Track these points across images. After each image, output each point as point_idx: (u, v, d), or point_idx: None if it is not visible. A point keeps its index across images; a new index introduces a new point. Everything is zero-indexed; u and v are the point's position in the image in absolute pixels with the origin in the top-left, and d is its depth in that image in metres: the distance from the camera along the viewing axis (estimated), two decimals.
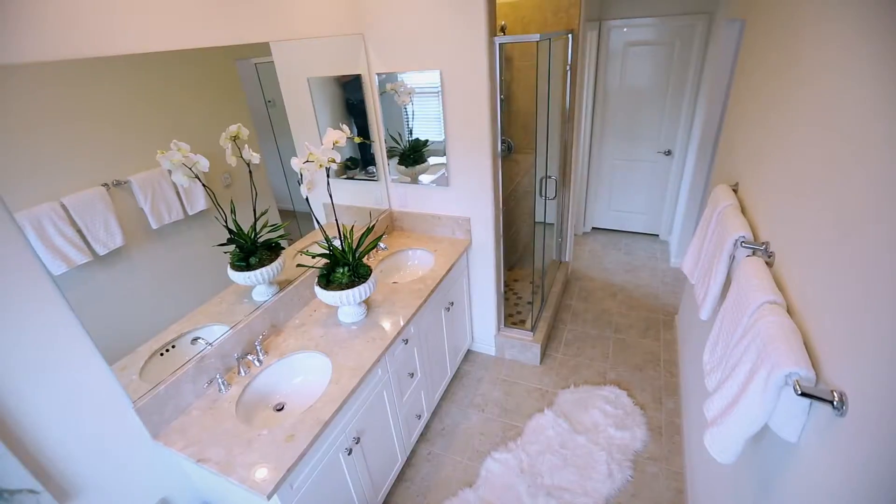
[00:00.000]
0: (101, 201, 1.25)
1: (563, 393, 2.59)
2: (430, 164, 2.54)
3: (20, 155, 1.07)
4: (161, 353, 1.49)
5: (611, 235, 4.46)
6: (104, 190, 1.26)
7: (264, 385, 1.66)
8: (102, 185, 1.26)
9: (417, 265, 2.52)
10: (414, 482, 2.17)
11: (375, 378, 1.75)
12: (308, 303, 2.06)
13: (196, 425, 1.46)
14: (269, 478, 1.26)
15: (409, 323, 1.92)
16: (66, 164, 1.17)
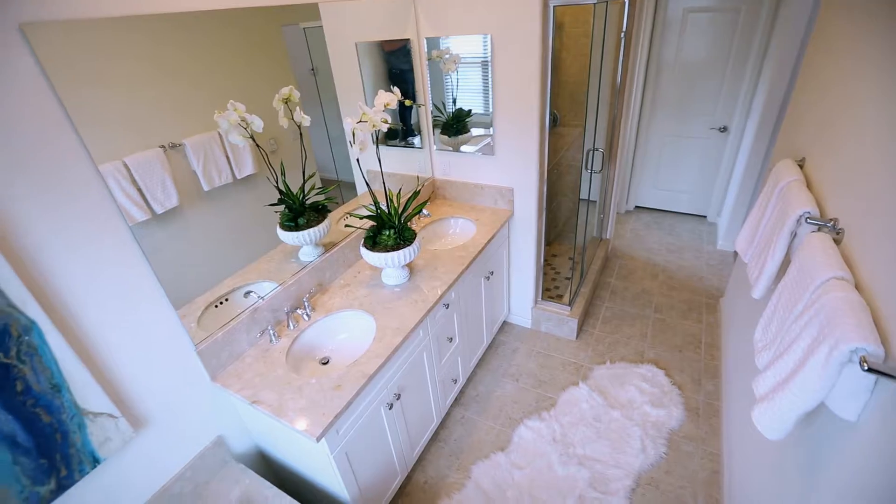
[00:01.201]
0: (159, 162, 1.31)
1: (599, 368, 2.58)
2: (473, 136, 2.51)
3: (91, 115, 1.13)
4: (215, 305, 1.58)
5: (655, 215, 4.31)
6: (161, 152, 1.32)
7: (311, 339, 1.74)
8: (160, 146, 1.32)
9: (459, 233, 2.53)
10: (447, 443, 2.24)
11: (417, 339, 1.80)
12: (352, 265, 2.12)
13: (250, 371, 1.55)
14: (318, 422, 1.33)
15: (451, 288, 1.95)
16: (128, 125, 1.22)
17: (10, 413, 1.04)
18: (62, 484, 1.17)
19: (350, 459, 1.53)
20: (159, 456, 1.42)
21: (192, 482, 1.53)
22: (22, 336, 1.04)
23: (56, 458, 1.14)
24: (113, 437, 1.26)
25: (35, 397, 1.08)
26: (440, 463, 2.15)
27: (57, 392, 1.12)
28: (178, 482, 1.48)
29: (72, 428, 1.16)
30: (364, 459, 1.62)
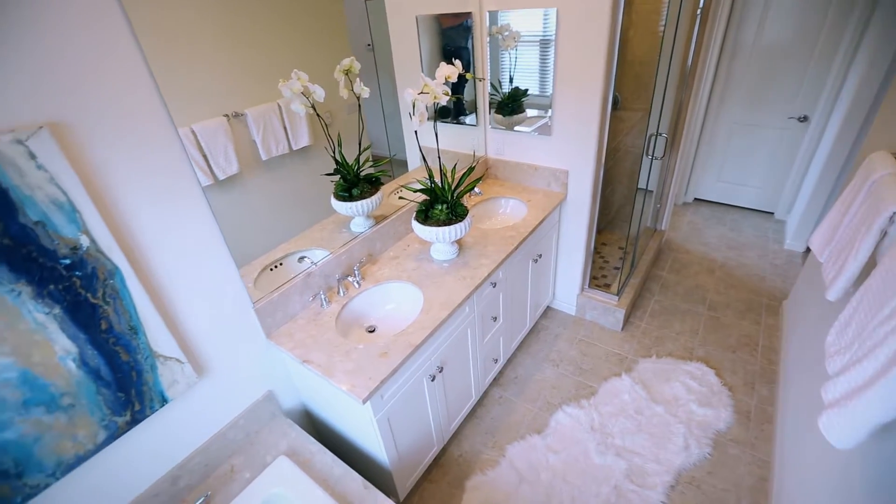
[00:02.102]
0: (223, 131, 1.36)
1: (644, 362, 2.51)
2: (527, 116, 2.45)
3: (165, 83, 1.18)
4: (270, 268, 1.65)
5: (715, 209, 4.07)
6: (225, 121, 1.37)
7: (360, 307, 1.79)
8: (224, 115, 1.36)
9: (509, 214, 2.50)
10: (484, 420, 2.27)
11: (462, 315, 1.81)
12: (402, 238, 2.14)
13: (301, 332, 1.62)
14: (364, 385, 1.38)
15: (499, 267, 1.94)
16: (197, 93, 1.27)
17: (96, 349, 1.15)
18: (135, 417, 1.28)
19: (391, 425, 1.58)
20: (217, 403, 1.52)
21: (245, 430, 1.63)
22: (107, 279, 1.13)
23: (131, 393, 1.25)
24: (179, 381, 1.36)
25: (116, 336, 1.18)
26: (475, 439, 2.18)
27: (134, 334, 1.21)
28: (233, 429, 1.58)
29: (145, 368, 1.26)
30: (404, 427, 1.67)
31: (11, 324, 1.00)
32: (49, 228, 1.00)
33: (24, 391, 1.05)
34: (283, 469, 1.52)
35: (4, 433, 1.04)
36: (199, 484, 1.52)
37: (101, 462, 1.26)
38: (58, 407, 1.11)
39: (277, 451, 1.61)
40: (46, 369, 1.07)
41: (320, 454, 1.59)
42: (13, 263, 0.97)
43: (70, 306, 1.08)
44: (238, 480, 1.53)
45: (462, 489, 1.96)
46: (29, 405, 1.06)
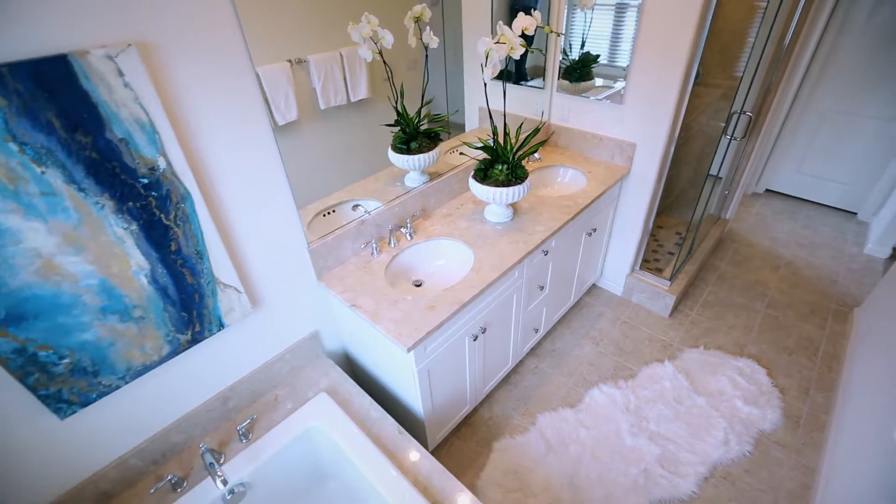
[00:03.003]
0: (285, 76, 1.34)
1: (690, 351, 2.41)
2: (595, 85, 2.31)
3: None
4: (323, 214, 1.67)
5: (789, 203, 3.77)
6: (288, 66, 1.35)
7: (409, 259, 1.80)
8: (287, 60, 1.35)
9: (567, 183, 2.41)
10: (517, 387, 2.27)
11: (511, 279, 1.79)
12: (456, 196, 2.11)
13: (351, 277, 1.65)
14: (410, 335, 1.39)
15: (553, 236, 1.88)
16: (263, 38, 1.25)
17: (166, 268, 1.21)
18: (195, 337, 1.36)
19: (430, 378, 1.61)
20: (267, 335, 1.59)
21: (290, 365, 1.71)
22: (179, 203, 1.18)
23: (193, 314, 1.32)
24: (235, 309, 1.42)
25: (183, 259, 1.24)
26: (507, 404, 2.19)
27: (199, 258, 1.27)
28: (279, 362, 1.66)
29: (207, 292, 1.33)
30: (441, 382, 1.70)
31: (95, 235, 1.06)
32: (131, 146, 1.04)
33: (102, 298, 1.13)
34: (323, 405, 1.59)
35: (84, 334, 1.13)
36: (246, 407, 1.62)
37: (164, 374, 1.35)
38: (130, 317, 1.19)
39: (318, 388, 1.69)
40: (122, 281, 1.14)
41: (358, 396, 1.65)
42: (99, 177, 1.02)
43: (145, 224, 1.13)
44: (281, 409, 1.62)
45: (489, 449, 1.99)
46: (106, 312, 1.14)
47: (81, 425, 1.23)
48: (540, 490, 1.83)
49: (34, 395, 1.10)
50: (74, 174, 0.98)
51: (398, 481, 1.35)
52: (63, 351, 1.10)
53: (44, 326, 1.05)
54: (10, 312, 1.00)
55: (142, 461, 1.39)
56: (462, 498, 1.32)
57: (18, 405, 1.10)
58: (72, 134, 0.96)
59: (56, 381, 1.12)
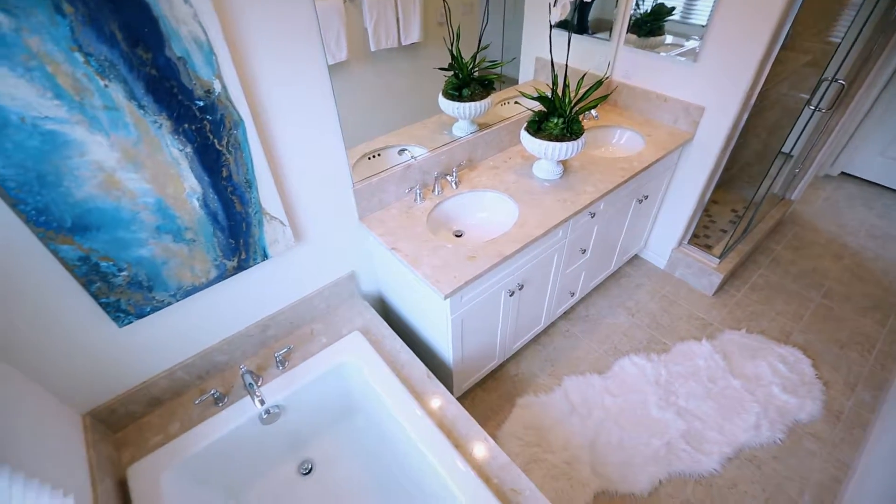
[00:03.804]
0: (337, 14, 1.28)
1: (730, 333, 2.32)
2: (666, 42, 2.12)
3: None
4: (369, 157, 1.65)
5: (866, 188, 3.45)
6: (341, 2, 1.29)
7: (452, 209, 1.78)
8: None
9: (623, 145, 2.28)
10: (546, 348, 2.27)
11: (554, 238, 1.74)
12: (504, 149, 2.04)
13: (392, 221, 1.65)
14: (448, 282, 1.39)
15: (602, 198, 1.80)
16: None
17: (216, 194, 1.24)
18: (240, 265, 1.41)
19: (463, 327, 1.62)
20: (307, 270, 1.63)
21: (327, 302, 1.75)
22: (232, 129, 1.18)
23: (240, 242, 1.36)
24: (279, 241, 1.45)
25: (234, 186, 1.26)
26: (534, 364, 2.20)
27: (248, 188, 1.29)
28: (317, 297, 1.71)
29: (254, 222, 1.36)
30: (473, 333, 1.71)
31: (152, 154, 1.08)
32: (189, 66, 1.04)
33: (157, 217, 1.17)
34: (356, 343, 1.64)
35: (141, 250, 1.18)
36: (283, 336, 1.70)
37: (210, 297, 1.42)
38: (182, 239, 1.24)
39: (353, 326, 1.74)
40: (176, 202, 1.18)
41: (390, 338, 1.69)
42: (157, 95, 1.03)
43: (199, 148, 1.15)
44: (316, 343, 1.68)
45: (513, 404, 2.02)
46: (161, 231, 1.19)
47: (137, 335, 1.32)
48: (559, 448, 1.85)
49: (96, 302, 1.18)
50: (135, 90, 0.99)
51: (423, 421, 1.39)
52: (122, 264, 1.17)
53: (105, 238, 1.11)
54: (75, 222, 1.05)
55: (188, 375, 1.49)
56: (484, 445, 1.35)
57: (84, 311, 1.18)
58: (133, 48, 0.96)
59: (115, 292, 1.19)
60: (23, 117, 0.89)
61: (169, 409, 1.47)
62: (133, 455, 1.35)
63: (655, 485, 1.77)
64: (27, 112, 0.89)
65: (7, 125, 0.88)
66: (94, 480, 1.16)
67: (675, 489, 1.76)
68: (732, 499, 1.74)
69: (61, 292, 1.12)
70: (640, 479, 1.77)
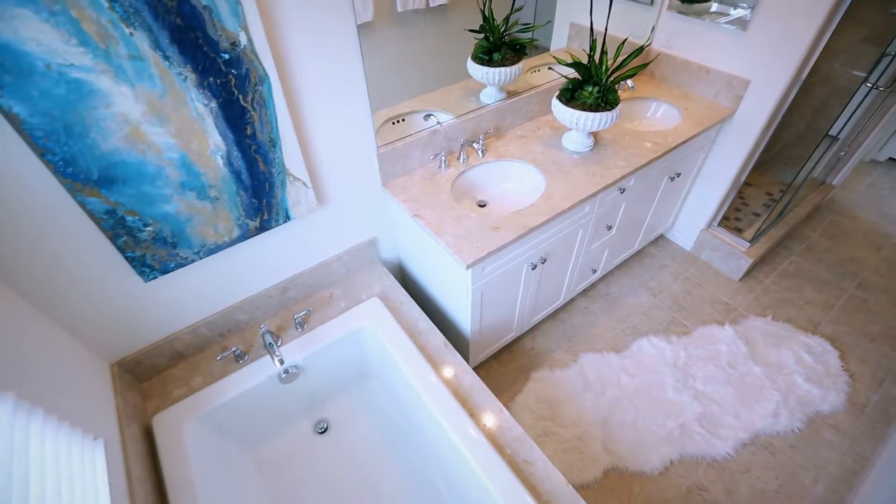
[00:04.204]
0: None
1: (755, 319, 2.26)
2: (710, 10, 1.98)
3: None
4: (393, 122, 1.60)
5: None
6: None
7: (477, 178, 1.73)
8: None
9: (658, 119, 2.17)
10: (564, 324, 2.25)
11: (580, 213, 1.69)
12: (533, 118, 1.97)
13: (416, 188, 1.62)
14: (471, 252, 1.37)
15: (633, 174, 1.73)
16: None
17: (240, 152, 1.22)
18: (263, 225, 1.40)
19: (483, 299, 1.60)
20: (328, 234, 1.62)
21: (346, 266, 1.75)
22: (257, 85, 1.15)
23: (262, 202, 1.35)
24: (302, 203, 1.44)
25: (257, 144, 1.24)
26: (550, 339, 2.19)
27: (272, 147, 1.27)
28: (337, 262, 1.71)
29: (277, 182, 1.34)
30: (492, 305, 1.69)
31: (178, 107, 1.06)
32: (214, 16, 1.00)
33: (182, 173, 1.16)
34: (375, 308, 1.64)
35: (166, 206, 1.18)
36: (303, 299, 1.71)
37: (233, 256, 1.43)
38: (206, 196, 1.23)
39: (371, 292, 1.74)
40: (200, 158, 1.16)
41: (409, 306, 1.69)
42: (182, 46, 1.00)
43: (224, 103, 1.12)
44: (334, 307, 1.69)
45: (527, 378, 2.03)
46: (185, 188, 1.18)
47: (161, 290, 1.34)
48: (571, 423, 1.86)
49: (123, 256, 1.19)
50: (160, 39, 0.97)
51: (438, 388, 1.40)
52: (147, 219, 1.17)
53: (131, 193, 1.11)
54: (101, 175, 1.05)
55: (210, 331, 1.52)
56: (499, 416, 1.36)
57: (111, 264, 1.20)
58: None
59: (141, 247, 1.20)
60: (48, 64, 0.88)
61: (192, 363, 1.51)
62: (157, 405, 1.40)
63: (666, 465, 1.76)
64: (53, 59, 0.88)
65: (33, 72, 0.87)
66: (121, 426, 1.21)
67: (686, 470, 1.76)
68: (744, 483, 1.73)
69: (89, 245, 1.14)
70: (652, 459, 1.77)
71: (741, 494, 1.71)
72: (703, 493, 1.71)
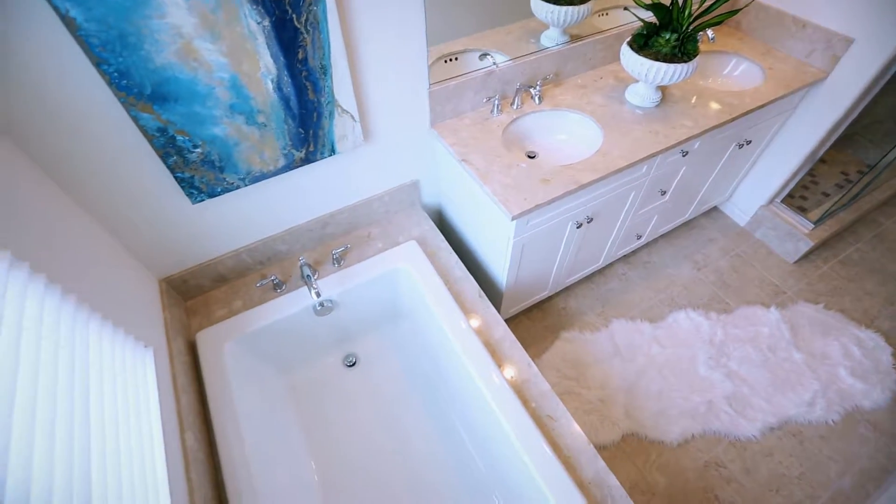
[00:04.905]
0: None
1: (805, 305, 2.14)
2: None
3: None
4: (446, 60, 1.50)
5: None
6: None
7: (529, 126, 1.64)
8: None
9: (736, 78, 1.97)
10: (598, 288, 2.20)
11: (636, 173, 1.59)
12: (596, 67, 1.82)
13: (465, 131, 1.55)
14: (518, 203, 1.32)
15: (700, 136, 1.59)
16: None
17: (291, 77, 1.18)
18: (308, 157, 1.38)
19: (523, 252, 1.56)
20: (371, 172, 1.59)
21: (386, 207, 1.74)
22: (312, 5, 1.09)
23: (309, 133, 1.33)
24: (348, 137, 1.40)
25: (308, 70, 1.19)
26: (584, 301, 2.15)
27: (323, 74, 1.22)
28: (377, 201, 1.69)
29: (325, 113, 1.30)
30: (531, 259, 1.65)
31: (230, 23, 1.02)
32: None
33: (231, 95, 1.14)
34: (412, 251, 1.64)
35: (215, 128, 1.17)
36: (341, 235, 1.72)
37: (276, 185, 1.43)
38: (254, 122, 1.21)
39: (409, 235, 1.72)
40: (251, 81, 1.13)
41: (446, 252, 1.67)
42: None
43: (277, 23, 1.07)
44: (372, 246, 1.69)
45: (556, 336, 2.02)
46: (234, 111, 1.17)
47: (207, 213, 1.36)
48: (595, 385, 1.86)
49: (172, 176, 1.20)
50: None
51: (469, 336, 1.40)
52: (197, 140, 1.17)
53: (182, 111, 1.10)
54: (154, 90, 1.04)
55: (251, 259, 1.56)
56: (527, 370, 1.36)
57: (161, 183, 1.22)
58: None
59: (190, 168, 1.21)
60: None
61: (233, 287, 1.57)
62: (201, 323, 1.47)
63: (687, 437, 1.76)
64: None
65: None
66: (168, 339, 1.28)
67: (707, 445, 1.75)
68: (765, 465, 1.71)
69: (142, 163, 1.15)
70: (673, 430, 1.76)
71: (760, 475, 1.69)
72: (721, 469, 1.70)
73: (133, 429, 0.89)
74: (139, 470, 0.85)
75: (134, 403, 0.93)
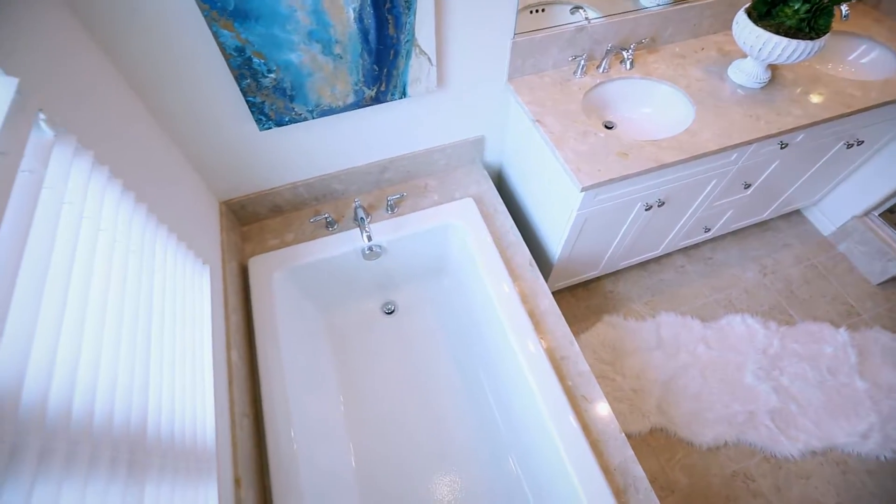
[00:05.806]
0: None
1: (880, 332, 1.95)
2: None
3: None
4: (531, 10, 1.38)
5: None
6: None
7: (613, 93, 1.52)
8: None
9: (864, 66, 1.72)
10: (652, 277, 2.09)
11: (725, 160, 1.44)
12: (699, 36, 1.63)
13: (543, 91, 1.45)
14: (591, 175, 1.24)
15: (807, 128, 1.42)
16: None
17: (373, 9, 1.12)
18: (378, 97, 1.34)
19: (583, 227, 1.49)
20: (438, 121, 1.53)
21: (446, 159, 1.68)
22: None
23: (383, 71, 1.27)
24: (422, 81, 1.34)
25: (392, 3, 1.13)
26: (633, 288, 2.06)
27: (407, 9, 1.15)
28: (439, 153, 1.64)
29: (402, 51, 1.24)
30: (589, 235, 1.58)
31: None
32: None
33: (312, 21, 1.09)
34: (468, 208, 1.60)
35: (291, 54, 1.14)
36: (398, 183, 1.69)
37: (342, 122, 1.40)
38: (330, 52, 1.17)
39: (466, 192, 1.68)
40: (332, 7, 1.09)
41: (503, 215, 1.62)
42: None
43: None
44: (428, 198, 1.66)
45: (598, 319, 1.96)
46: (312, 38, 1.13)
47: (272, 142, 1.36)
48: (631, 375, 1.80)
49: (244, 98, 1.20)
50: None
51: (514, 302, 1.37)
52: (272, 64, 1.15)
53: (261, 32, 1.07)
54: (237, 6, 1.01)
55: (307, 193, 1.57)
56: (570, 348, 1.32)
57: (232, 105, 1.22)
58: None
59: (262, 93, 1.20)
60: None
61: (287, 219, 1.59)
62: (254, 249, 1.51)
63: (719, 444, 1.69)
64: None
65: None
66: (224, 260, 1.32)
67: (739, 455, 1.68)
68: (798, 487, 1.63)
69: (217, 82, 1.15)
70: (705, 433, 1.70)
71: (790, 496, 1.61)
72: (749, 482, 1.64)
73: (188, 339, 0.93)
74: (190, 378, 0.89)
75: (190, 316, 0.97)
